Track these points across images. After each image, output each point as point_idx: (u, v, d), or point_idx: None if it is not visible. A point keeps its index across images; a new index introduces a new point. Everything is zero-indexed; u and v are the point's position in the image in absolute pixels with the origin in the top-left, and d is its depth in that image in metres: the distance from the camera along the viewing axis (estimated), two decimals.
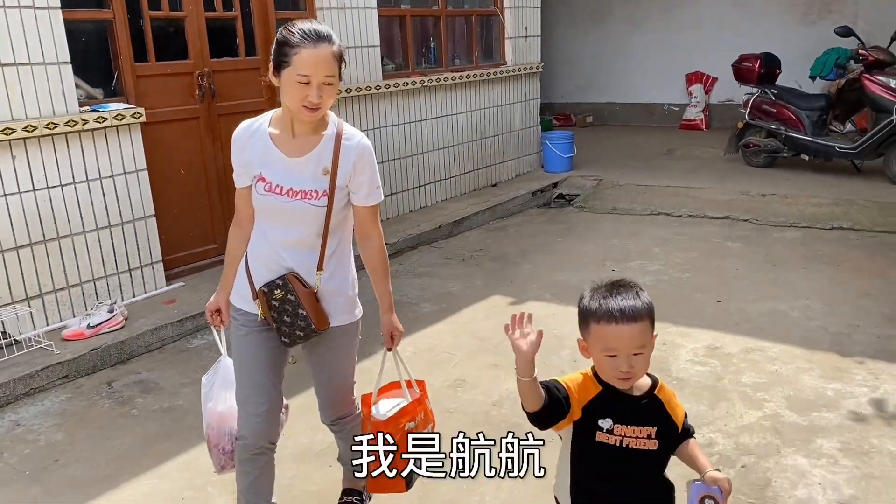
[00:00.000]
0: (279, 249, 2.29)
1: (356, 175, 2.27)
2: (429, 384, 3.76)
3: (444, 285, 5.32)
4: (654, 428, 1.79)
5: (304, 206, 2.23)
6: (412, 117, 6.80)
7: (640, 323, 1.73)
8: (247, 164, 2.29)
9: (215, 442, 2.54)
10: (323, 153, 2.24)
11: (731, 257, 5.62)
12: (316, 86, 2.10)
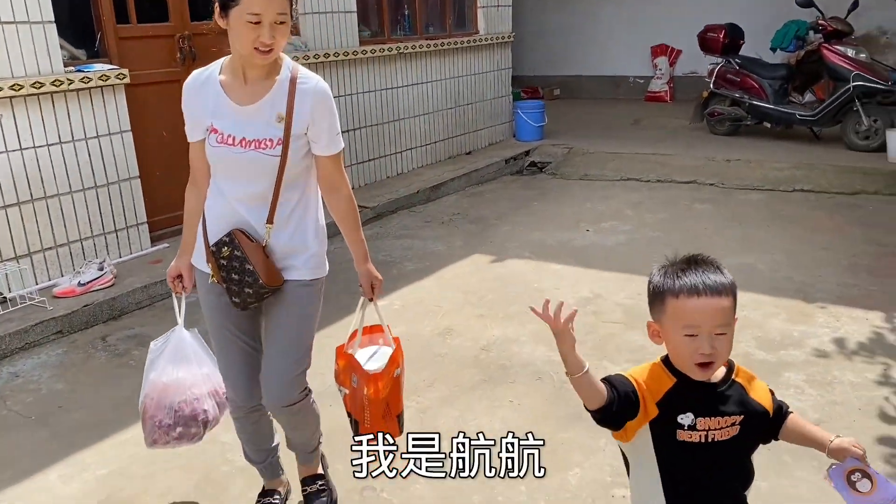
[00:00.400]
0: (232, 202, 2.16)
1: (314, 122, 2.12)
2: (418, 333, 3.98)
3: (426, 246, 5.47)
4: (739, 416, 1.60)
5: (257, 156, 2.10)
6: (388, 84, 6.89)
7: (724, 298, 1.54)
8: (198, 116, 2.16)
9: (151, 413, 2.42)
10: (276, 99, 2.10)
11: (700, 218, 5.87)
12: (268, 25, 1.96)
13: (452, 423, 3.05)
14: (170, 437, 2.43)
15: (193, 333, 2.50)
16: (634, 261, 4.87)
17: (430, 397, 3.31)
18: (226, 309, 2.24)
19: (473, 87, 8.02)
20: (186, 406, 2.42)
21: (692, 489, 1.62)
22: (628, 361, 3.50)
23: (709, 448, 1.58)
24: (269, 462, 2.53)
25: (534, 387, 3.37)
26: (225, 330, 2.27)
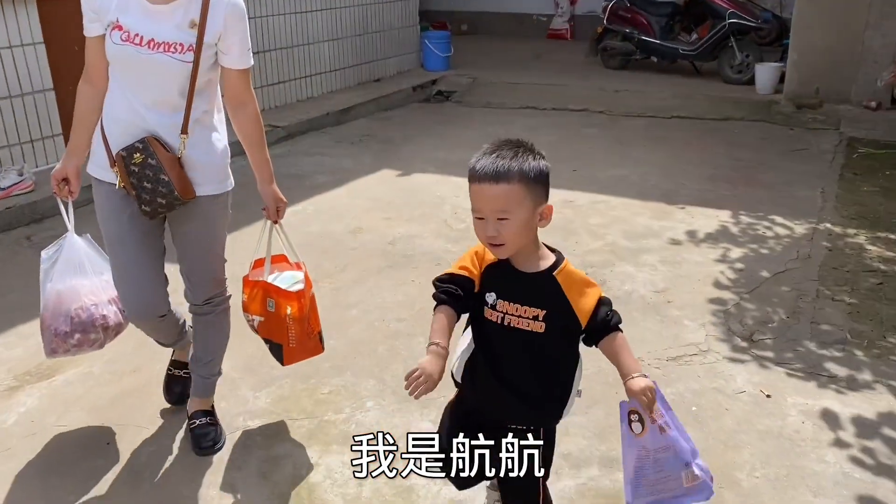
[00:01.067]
0: (139, 109, 2.10)
1: (227, 33, 2.09)
2: (331, 232, 4.39)
3: (336, 163, 5.83)
4: (542, 310, 1.61)
5: (167, 59, 2.04)
6: (297, 7, 7.10)
7: (503, 184, 1.54)
8: (100, 9, 2.05)
9: (48, 323, 2.38)
10: (190, 4, 2.05)
11: (587, 139, 6.45)
12: None
13: (361, 298, 3.51)
14: (69, 345, 2.38)
15: (87, 239, 2.45)
16: None
17: (342, 279, 3.74)
18: (128, 217, 2.19)
19: (381, 15, 8.29)
20: (83, 312, 2.36)
21: (492, 368, 1.67)
22: None
23: (508, 332, 1.62)
24: (180, 344, 2.60)
25: (434, 270, 3.85)
26: (125, 239, 2.21)
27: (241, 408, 2.68)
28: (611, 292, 3.53)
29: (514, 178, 1.54)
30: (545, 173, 1.61)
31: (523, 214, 1.56)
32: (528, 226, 1.58)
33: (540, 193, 1.59)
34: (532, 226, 1.60)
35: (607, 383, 2.80)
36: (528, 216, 1.56)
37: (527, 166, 1.57)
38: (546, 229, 1.69)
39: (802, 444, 2.46)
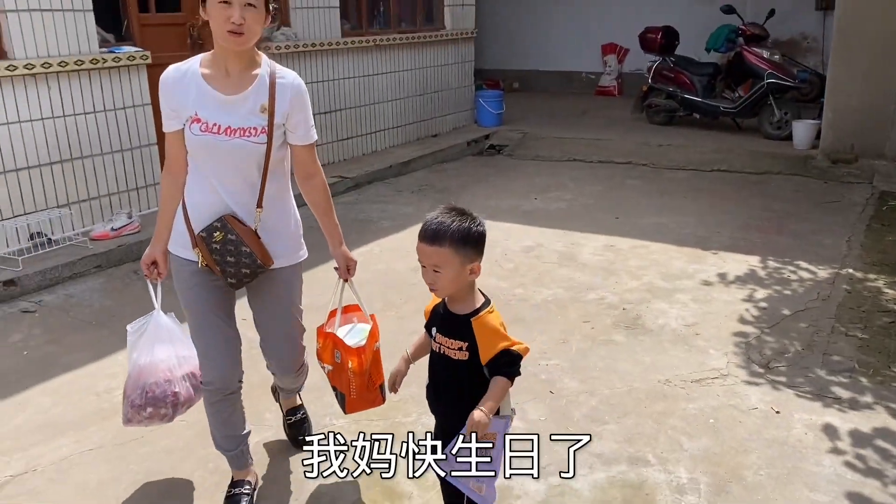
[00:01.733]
0: (218, 190, 2.29)
1: (293, 114, 2.30)
2: (395, 269, 4.94)
3: (398, 209, 6.43)
4: (465, 342, 1.98)
5: (243, 143, 2.24)
6: (365, 72, 7.83)
7: (436, 246, 1.90)
8: (178, 107, 2.27)
9: (128, 393, 2.55)
10: (259, 91, 2.25)
11: (630, 190, 6.94)
12: (237, 6, 2.12)
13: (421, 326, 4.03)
14: (141, 417, 2.53)
15: (171, 317, 2.63)
16: (570, 221, 5.91)
17: (406, 309, 4.28)
18: (208, 293, 2.37)
19: (440, 76, 8.99)
20: (157, 388, 2.51)
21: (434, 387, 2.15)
22: (560, 287, 4.52)
23: (442, 358, 2.04)
24: (240, 450, 2.59)
25: None
26: (208, 314, 2.38)
27: (326, 410, 3.20)
28: (645, 326, 4.00)
29: (445, 241, 1.89)
30: (475, 238, 1.94)
31: (453, 270, 1.92)
32: (458, 278, 1.94)
33: (469, 254, 1.93)
34: (463, 278, 1.95)
35: (637, 399, 3.25)
36: (457, 271, 1.92)
37: (459, 231, 1.90)
38: (593, 271, 2.20)
39: (803, 450, 2.86)
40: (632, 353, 3.70)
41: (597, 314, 4.16)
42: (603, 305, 4.27)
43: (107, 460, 2.92)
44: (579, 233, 5.59)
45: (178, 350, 2.57)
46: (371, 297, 4.37)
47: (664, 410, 3.16)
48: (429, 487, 2.65)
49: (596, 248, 5.26)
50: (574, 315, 4.16)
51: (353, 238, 5.51)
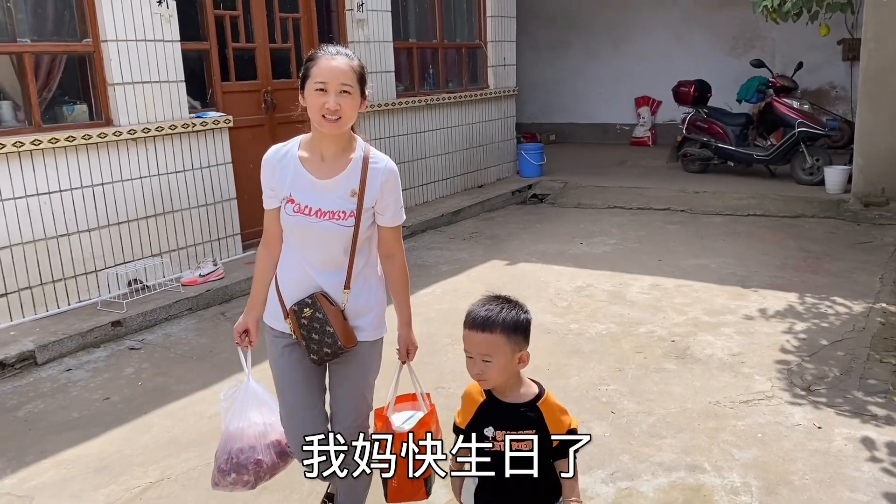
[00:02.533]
0: (308, 269, 2.39)
1: (383, 197, 2.36)
2: (456, 308, 5.37)
3: (453, 255, 6.91)
4: (533, 429, 1.91)
5: (332, 226, 2.32)
6: (417, 129, 8.42)
7: (488, 334, 1.88)
8: (276, 187, 2.37)
9: (217, 458, 2.61)
10: (351, 175, 2.33)
11: (670, 234, 7.34)
12: (333, 93, 2.20)
13: None
14: (226, 482, 2.58)
15: (261, 385, 2.66)
16: (616, 263, 6.33)
17: None
18: (298, 365, 2.46)
19: (484, 131, 9.57)
20: (242, 454, 2.56)
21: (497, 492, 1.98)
22: (612, 322, 4.92)
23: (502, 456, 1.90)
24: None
25: (544, 338, 4.77)
26: (296, 385, 2.47)
27: None
28: (694, 356, 4.38)
29: (496, 329, 1.89)
30: (524, 325, 1.95)
31: (503, 358, 1.91)
32: (507, 367, 1.93)
33: (519, 342, 1.93)
34: (512, 366, 1.94)
35: (690, 417, 3.63)
36: (508, 359, 1.92)
37: (509, 319, 1.91)
38: (640, 308, 2.61)
39: (844, 459, 3.21)
40: (683, 378, 4.08)
41: (648, 345, 4.55)
42: (653, 338, 4.66)
43: None
44: (626, 273, 6.00)
45: (266, 417, 2.62)
46: (438, 334, 4.84)
47: (716, 427, 3.53)
48: None
49: (642, 288, 5.66)
50: (627, 347, 4.56)
51: (416, 281, 5.96)
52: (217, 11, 6.22)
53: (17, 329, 4.87)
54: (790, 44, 11.21)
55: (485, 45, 9.55)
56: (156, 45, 5.61)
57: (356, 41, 7.49)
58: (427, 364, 4.34)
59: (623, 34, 12.85)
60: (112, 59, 5.36)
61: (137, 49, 5.50)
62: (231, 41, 6.40)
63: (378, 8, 7.70)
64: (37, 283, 5.05)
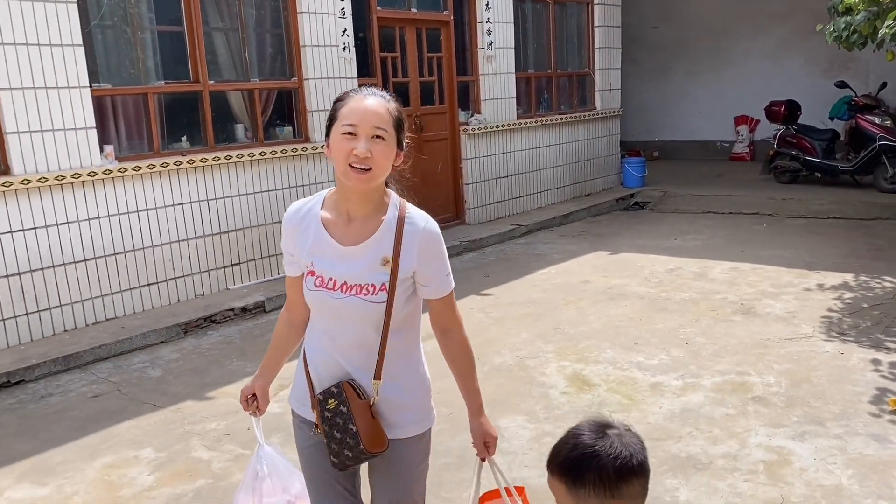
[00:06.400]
0: (335, 350, 1.99)
1: (422, 266, 1.94)
2: (566, 283, 6.82)
3: (564, 247, 8.35)
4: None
5: (359, 302, 1.90)
6: (533, 145, 9.95)
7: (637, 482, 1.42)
8: (296, 254, 2.01)
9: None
10: (383, 241, 1.91)
11: (755, 233, 8.51)
12: (363, 137, 1.80)
13: (595, 311, 5.89)
14: None
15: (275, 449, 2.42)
16: (704, 252, 7.61)
17: (581, 304, 6.13)
18: (324, 458, 2.02)
19: (591, 147, 10.99)
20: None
21: None
22: (694, 292, 6.24)
23: None
24: None
25: (638, 302, 6.15)
26: (329, 482, 2.08)
27: None
28: (756, 312, 5.66)
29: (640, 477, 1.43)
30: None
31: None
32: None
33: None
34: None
35: (745, 346, 4.94)
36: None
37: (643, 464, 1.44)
38: (720, 284, 3.97)
39: (854, 370, 4.45)
40: (745, 326, 5.37)
41: (721, 306, 5.85)
42: (726, 302, 5.95)
43: None
44: (711, 260, 7.27)
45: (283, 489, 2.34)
46: (554, 299, 6.30)
47: (763, 352, 4.83)
48: None
49: (723, 270, 6.92)
50: (703, 307, 5.87)
51: (533, 265, 7.50)
52: (382, 54, 8.01)
53: (249, 288, 6.72)
54: (882, 65, 12.02)
55: (593, 72, 11.00)
56: (341, 81, 7.41)
57: (486, 73, 9.12)
58: (546, 316, 5.85)
59: (723, 59, 13.94)
60: (311, 92, 7.19)
61: (327, 85, 7.32)
62: (391, 76, 8.16)
63: (503, 45, 9.31)
64: (259, 257, 6.89)
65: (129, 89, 6.13)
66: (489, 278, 7.11)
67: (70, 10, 5.51)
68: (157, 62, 6.42)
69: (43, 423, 4.39)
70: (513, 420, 4.09)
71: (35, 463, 3.89)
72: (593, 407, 4.19)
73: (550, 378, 4.65)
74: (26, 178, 5.34)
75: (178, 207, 6.23)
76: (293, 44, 7.12)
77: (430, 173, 8.73)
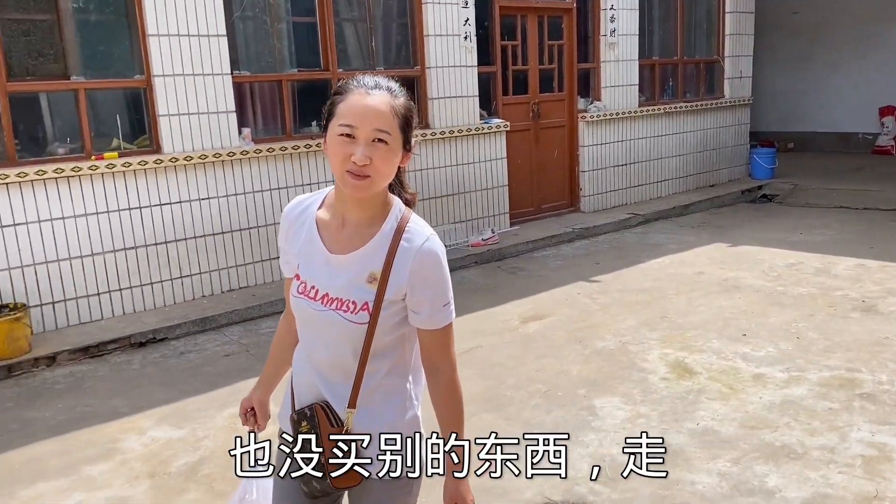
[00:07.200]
0: (313, 369, 1.78)
1: (413, 290, 1.67)
2: (679, 273, 6.75)
3: (681, 238, 8.23)
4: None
5: (338, 319, 1.68)
6: (655, 133, 9.81)
7: None
8: (286, 251, 1.81)
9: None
10: (373, 254, 1.67)
11: (889, 230, 8.03)
12: (363, 141, 1.57)
13: (705, 302, 5.83)
14: None
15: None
16: (829, 248, 7.29)
17: (692, 294, 6.07)
18: (298, 488, 1.79)
19: (718, 137, 10.67)
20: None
21: None
22: (812, 287, 6.03)
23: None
24: None
25: (753, 295, 6.02)
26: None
27: None
28: (878, 311, 5.42)
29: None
30: None
31: None
32: None
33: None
34: None
35: (860, 344, 4.77)
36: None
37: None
38: (839, 278, 3.92)
39: None
40: (863, 324, 5.17)
41: (839, 303, 5.64)
42: (846, 299, 5.72)
43: None
44: (836, 256, 6.97)
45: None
46: (666, 287, 6.28)
47: (880, 350, 4.65)
48: None
49: (848, 266, 6.63)
50: (821, 302, 5.68)
51: (648, 254, 7.46)
52: (503, 42, 8.17)
53: None
54: None
55: (722, 59, 10.66)
56: (462, 70, 7.65)
57: (607, 60, 9.09)
58: (654, 304, 5.85)
59: (867, 45, 13.08)
60: (432, 81, 7.47)
61: (449, 73, 7.57)
62: (511, 64, 8.31)
63: (627, 32, 9.23)
64: None
65: (265, 76, 6.64)
66: (599, 265, 7.15)
67: (216, 4, 6.04)
68: (291, 51, 6.89)
69: (182, 376, 4.91)
70: (608, 401, 4.19)
71: (173, 409, 4.39)
72: (691, 394, 4.22)
73: (651, 364, 4.69)
74: (174, 156, 5.93)
75: (306, 187, 6.69)
76: (417, 33, 7.42)
77: (546, 160, 8.83)
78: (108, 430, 4.13)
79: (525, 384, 4.49)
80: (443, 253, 1.72)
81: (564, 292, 6.35)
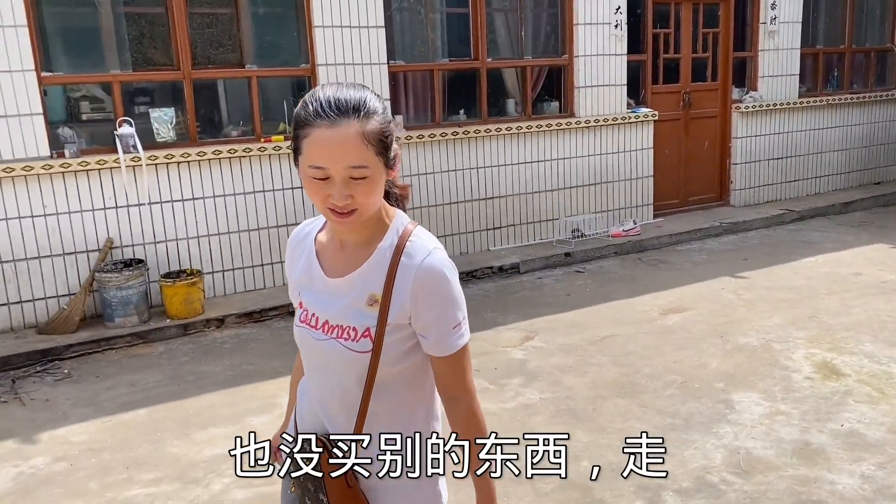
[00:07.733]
0: (314, 400, 1.64)
1: (417, 312, 1.50)
2: (833, 272, 6.42)
3: (838, 237, 7.79)
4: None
5: (340, 348, 1.53)
6: (816, 126, 9.28)
7: None
8: (292, 283, 1.69)
9: None
10: (372, 274, 1.52)
11: None
12: (339, 181, 1.40)
13: (860, 303, 5.54)
14: None
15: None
16: None
17: (846, 296, 5.78)
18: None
19: (887, 131, 9.94)
20: None
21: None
22: None
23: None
24: None
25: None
26: None
27: None
28: None
29: None
30: None
31: None
32: None
33: None
34: None
35: None
36: None
37: None
38: None
39: None
40: None
41: None
42: None
43: None
44: None
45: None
46: (817, 287, 6.02)
47: None
48: None
49: None
50: None
51: (801, 252, 7.14)
52: (655, 30, 8.05)
53: (506, 251, 7.28)
54: None
55: (895, 47, 9.90)
56: (610, 58, 7.62)
57: (766, 49, 8.70)
58: (803, 303, 5.65)
59: None
60: (580, 69, 7.50)
61: (596, 62, 7.56)
62: (662, 53, 8.16)
63: (790, 20, 8.79)
64: (518, 223, 7.42)
65: (418, 66, 6.94)
66: (747, 262, 6.93)
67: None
68: (444, 41, 7.15)
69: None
70: (747, 396, 4.13)
71: None
72: (837, 395, 4.08)
73: (795, 363, 4.56)
74: None
75: (451, 174, 6.95)
76: (567, 22, 7.46)
77: (696, 151, 8.62)
78: (268, 387, 4.56)
79: (661, 374, 4.50)
80: (449, 268, 1.52)
81: (707, 286, 6.23)
